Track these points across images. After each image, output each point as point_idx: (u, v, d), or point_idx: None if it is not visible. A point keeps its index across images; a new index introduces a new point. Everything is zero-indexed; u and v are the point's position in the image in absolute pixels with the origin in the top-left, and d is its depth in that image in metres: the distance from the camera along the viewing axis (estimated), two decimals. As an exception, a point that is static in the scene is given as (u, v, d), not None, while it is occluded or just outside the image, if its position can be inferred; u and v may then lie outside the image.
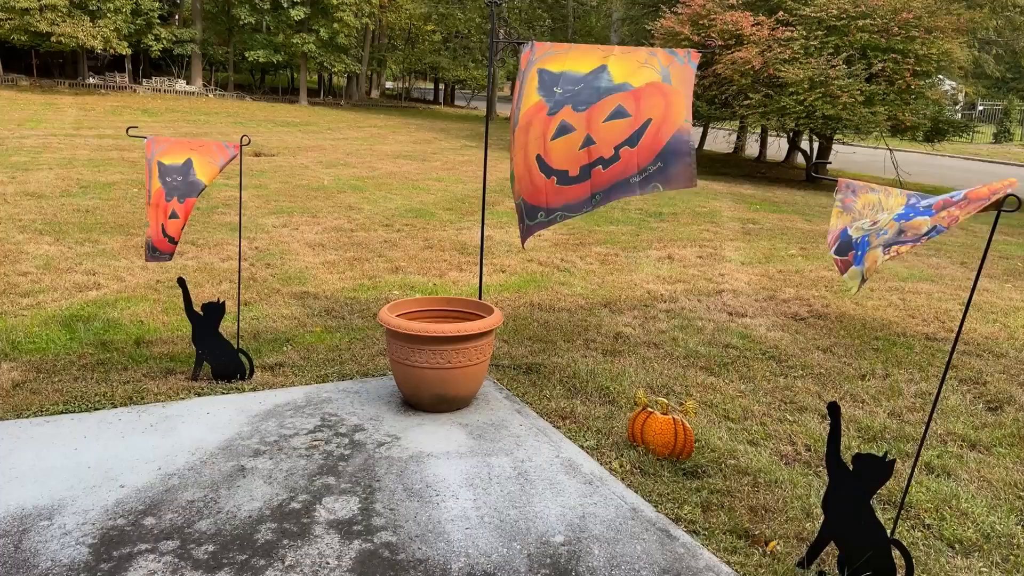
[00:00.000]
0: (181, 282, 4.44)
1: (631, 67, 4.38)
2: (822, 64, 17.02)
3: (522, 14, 39.57)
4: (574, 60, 4.59)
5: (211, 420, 3.92)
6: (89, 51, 32.83)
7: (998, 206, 2.48)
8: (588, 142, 4.25)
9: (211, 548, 2.86)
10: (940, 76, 19.60)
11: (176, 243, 4.21)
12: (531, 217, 4.47)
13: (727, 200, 14.61)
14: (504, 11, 38.74)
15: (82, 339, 5.05)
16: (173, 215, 4.20)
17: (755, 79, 18.00)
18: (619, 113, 4.26)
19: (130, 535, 2.93)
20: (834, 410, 2.79)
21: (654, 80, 4.30)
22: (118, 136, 19.32)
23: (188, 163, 4.26)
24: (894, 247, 2.40)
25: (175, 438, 3.71)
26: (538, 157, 4.35)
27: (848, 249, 2.50)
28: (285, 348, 5.12)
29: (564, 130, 4.31)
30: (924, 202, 2.47)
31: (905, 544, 3.15)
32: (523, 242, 4.74)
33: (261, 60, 36.99)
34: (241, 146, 4.32)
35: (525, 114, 4.45)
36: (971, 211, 2.34)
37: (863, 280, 2.44)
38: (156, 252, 4.21)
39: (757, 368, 5.24)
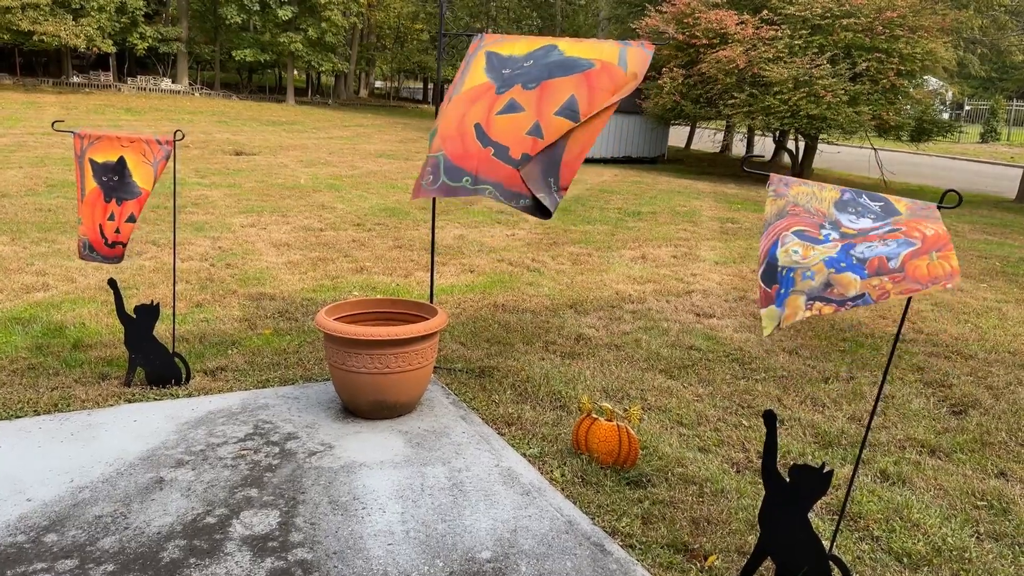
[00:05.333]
0: (112, 284, 4.27)
1: (583, 47, 4.25)
2: (806, 63, 16.91)
3: (510, 12, 39.40)
4: (524, 45, 4.45)
5: (137, 428, 3.75)
6: (73, 49, 32.52)
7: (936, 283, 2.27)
8: (536, 131, 4.03)
9: (111, 568, 2.69)
10: (925, 77, 19.51)
11: (112, 246, 4.04)
12: (453, 178, 4.03)
13: (709, 199, 14.48)
14: (492, 9, 38.56)
15: (17, 343, 4.87)
16: (111, 217, 4.04)
17: (740, 78, 17.89)
18: (569, 109, 4.06)
19: (28, 553, 2.75)
20: (770, 419, 2.64)
21: (610, 61, 4.14)
22: (97, 135, 19.08)
23: (121, 162, 4.09)
24: (818, 303, 2.17)
25: (95, 448, 3.53)
26: (477, 126, 4.09)
27: (772, 280, 2.27)
28: (230, 351, 4.95)
29: (512, 108, 4.09)
30: (846, 217, 2.30)
31: (850, 557, 3.01)
32: (417, 195, 4.17)
33: (248, 59, 36.71)
34: (175, 141, 4.15)
35: (470, 90, 4.25)
36: (904, 292, 2.11)
37: (779, 326, 2.22)
38: (94, 252, 4.05)
39: (718, 371, 5.09)
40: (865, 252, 2.19)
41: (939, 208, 2.39)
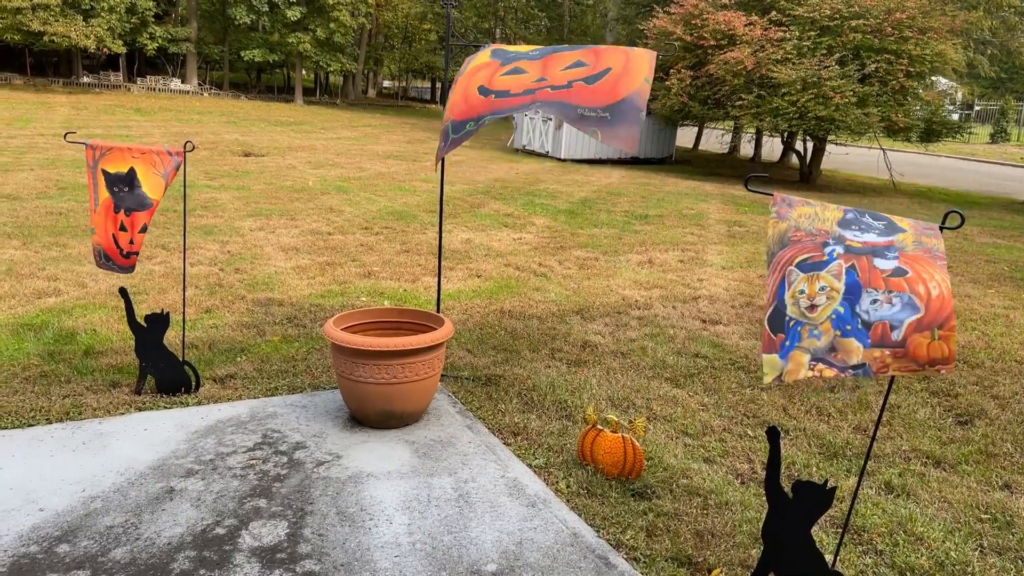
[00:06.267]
0: (123, 293, 4.32)
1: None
2: (815, 65, 16.88)
3: (518, 13, 39.38)
4: (528, 48, 4.54)
5: (147, 437, 3.80)
6: (84, 50, 32.73)
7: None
8: (541, 80, 4.10)
9: (122, 578, 2.74)
10: (934, 78, 19.44)
11: (126, 256, 4.09)
12: (458, 131, 4.16)
13: (716, 202, 14.48)
14: (500, 10, 38.53)
15: (30, 349, 4.92)
16: (122, 227, 4.09)
17: (748, 79, 17.87)
18: (578, 64, 4.13)
19: (41, 563, 2.80)
20: (773, 435, 2.66)
21: (616, 46, 4.28)
22: (108, 135, 19.21)
23: (132, 172, 4.14)
24: (821, 364, 2.25)
25: (106, 457, 3.58)
26: (480, 87, 4.19)
27: (779, 329, 2.33)
28: (239, 359, 5.00)
29: (516, 72, 4.20)
30: (850, 232, 2.33)
31: (853, 572, 3.03)
32: (438, 159, 4.38)
33: (257, 59, 36.89)
34: (185, 152, 4.19)
35: (473, 68, 4.36)
36: (902, 370, 2.19)
37: (780, 378, 2.29)
38: (110, 262, 4.12)
39: (724, 379, 5.11)
40: (870, 312, 2.23)
41: (941, 229, 2.41)
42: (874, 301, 2.26)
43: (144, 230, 4.13)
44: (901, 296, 2.23)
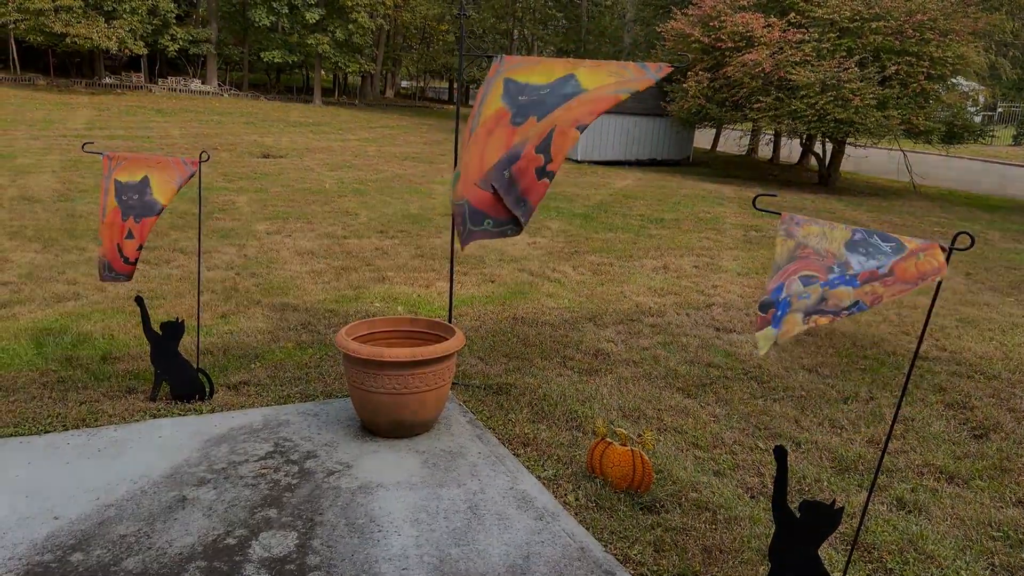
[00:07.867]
0: (139, 301, 4.37)
1: (600, 76, 4.24)
2: (834, 67, 16.74)
3: (535, 13, 39.37)
4: (542, 72, 4.46)
5: (161, 445, 3.84)
6: (106, 51, 33.07)
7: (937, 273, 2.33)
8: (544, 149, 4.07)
9: (133, 588, 2.78)
10: (955, 80, 19.21)
11: (133, 264, 4.13)
12: (476, 223, 4.10)
13: (733, 205, 14.40)
14: (518, 10, 38.53)
15: (49, 354, 5.00)
16: (129, 235, 4.13)
17: (766, 82, 17.75)
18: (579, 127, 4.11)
19: (54, 573, 2.85)
20: (780, 454, 2.65)
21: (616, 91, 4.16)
22: (128, 137, 19.42)
23: (145, 181, 4.19)
24: (814, 316, 2.31)
25: (121, 464, 3.63)
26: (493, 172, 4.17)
27: (769, 307, 2.38)
28: (253, 365, 5.04)
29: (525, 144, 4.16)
30: (856, 258, 2.33)
31: (862, 591, 3.01)
32: (464, 246, 4.26)
33: (276, 60, 37.09)
34: (200, 163, 4.24)
35: (487, 120, 4.30)
36: (896, 294, 2.23)
37: (775, 343, 2.34)
38: (113, 272, 4.14)
39: (736, 390, 5.09)
40: (856, 268, 2.31)
41: (951, 250, 2.39)
42: (861, 262, 2.33)
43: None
44: (888, 251, 2.32)
